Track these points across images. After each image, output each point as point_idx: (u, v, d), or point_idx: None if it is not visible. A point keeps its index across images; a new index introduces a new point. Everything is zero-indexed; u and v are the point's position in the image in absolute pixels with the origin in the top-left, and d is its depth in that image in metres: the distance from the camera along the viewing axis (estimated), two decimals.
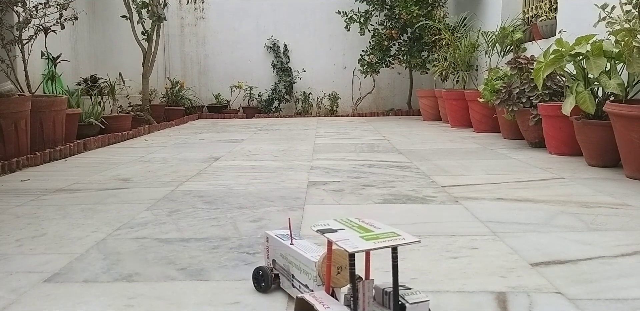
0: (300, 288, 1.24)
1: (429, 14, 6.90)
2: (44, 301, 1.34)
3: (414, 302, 1.02)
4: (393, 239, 1.00)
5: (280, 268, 1.33)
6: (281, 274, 1.33)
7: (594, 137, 3.19)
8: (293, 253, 1.27)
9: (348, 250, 0.96)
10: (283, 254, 1.32)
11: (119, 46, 6.85)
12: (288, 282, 1.30)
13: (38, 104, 3.88)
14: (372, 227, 1.07)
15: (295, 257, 1.26)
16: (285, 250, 1.31)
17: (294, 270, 1.26)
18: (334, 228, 1.07)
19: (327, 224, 1.10)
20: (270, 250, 1.37)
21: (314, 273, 1.18)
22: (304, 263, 1.22)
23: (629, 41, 2.83)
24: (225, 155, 3.96)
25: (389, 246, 0.98)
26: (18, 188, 2.82)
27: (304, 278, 1.23)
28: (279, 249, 1.33)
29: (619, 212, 2.12)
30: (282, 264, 1.32)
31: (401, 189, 2.60)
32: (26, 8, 4.17)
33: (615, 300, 1.29)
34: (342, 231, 1.05)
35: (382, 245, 0.98)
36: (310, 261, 1.20)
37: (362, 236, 1.02)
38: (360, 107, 8.42)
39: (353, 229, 1.06)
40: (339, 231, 1.05)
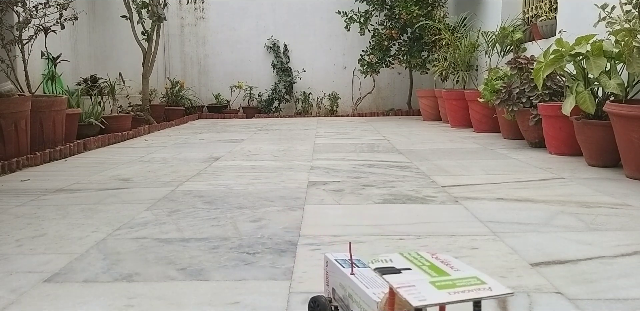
0: None
1: (429, 14, 6.90)
2: (44, 301, 1.34)
3: None
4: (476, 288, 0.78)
5: (339, 299, 1.13)
6: (340, 307, 1.12)
7: (594, 137, 3.19)
8: (353, 286, 1.05)
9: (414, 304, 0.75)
10: (343, 285, 1.10)
11: (119, 46, 6.85)
12: None
13: (38, 104, 3.88)
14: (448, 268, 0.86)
15: (354, 290, 1.05)
16: (344, 280, 1.09)
17: (354, 306, 1.05)
18: (397, 266, 0.87)
19: (390, 259, 0.90)
20: (330, 277, 1.16)
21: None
22: (364, 300, 1.00)
23: (629, 41, 2.83)
24: (225, 155, 3.96)
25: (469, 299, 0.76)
26: (18, 188, 2.82)
27: None
28: (339, 278, 1.12)
29: (619, 212, 2.12)
30: (341, 295, 1.12)
31: (401, 189, 2.60)
32: (26, 8, 4.17)
33: (615, 300, 1.29)
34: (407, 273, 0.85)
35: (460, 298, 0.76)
36: (372, 301, 0.97)
37: (434, 282, 0.81)
38: (360, 107, 8.42)
39: (422, 270, 0.86)
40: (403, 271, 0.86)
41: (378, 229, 1.92)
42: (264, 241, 1.79)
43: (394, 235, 1.85)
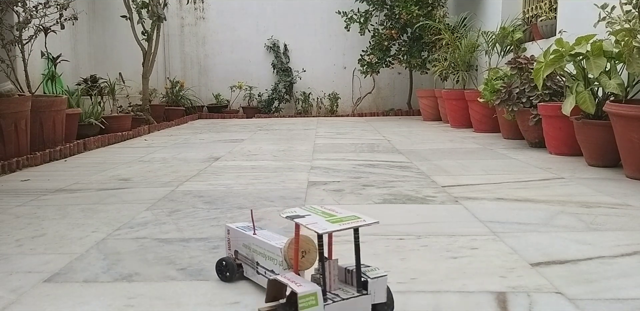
0: (265, 274, 1.32)
1: (429, 14, 6.90)
2: (44, 301, 1.34)
3: (374, 277, 1.15)
4: (355, 221, 1.12)
5: (243, 257, 1.41)
6: (244, 263, 1.41)
7: (594, 137, 3.19)
8: (257, 242, 1.35)
9: (318, 231, 1.06)
10: (246, 244, 1.39)
11: (119, 46, 6.85)
12: (252, 270, 1.38)
13: (38, 104, 3.88)
14: (334, 212, 1.18)
15: (259, 246, 1.34)
16: (248, 240, 1.39)
17: (259, 257, 1.34)
18: (300, 214, 1.17)
19: (294, 211, 1.19)
20: (232, 242, 1.46)
21: (280, 258, 1.26)
22: (269, 250, 1.30)
23: (629, 41, 2.83)
24: (225, 155, 3.96)
25: (352, 227, 1.10)
26: (18, 188, 2.82)
27: (269, 264, 1.31)
28: (241, 240, 1.42)
29: (619, 212, 2.12)
30: (245, 253, 1.41)
31: (401, 189, 2.60)
32: (26, 8, 4.17)
33: (615, 300, 1.29)
34: (309, 217, 1.15)
35: (346, 226, 1.09)
36: (276, 248, 1.28)
37: (328, 220, 1.13)
38: (360, 107, 8.42)
39: (318, 215, 1.16)
40: (306, 216, 1.15)
41: (378, 229, 1.92)
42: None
43: (394, 235, 1.85)
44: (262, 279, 1.33)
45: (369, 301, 1.13)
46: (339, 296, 1.11)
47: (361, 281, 1.14)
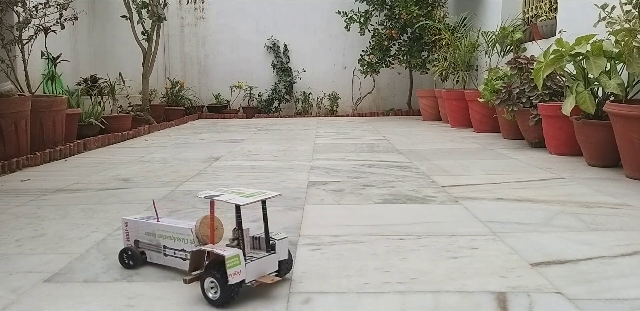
0: (176, 254, 1.49)
1: (429, 14, 6.90)
2: (44, 301, 1.34)
3: (279, 239, 1.41)
4: (263, 195, 1.38)
5: (146, 244, 1.56)
6: (148, 250, 1.56)
7: (594, 137, 3.19)
8: (163, 228, 1.51)
9: (240, 204, 1.30)
10: (149, 232, 1.55)
11: (119, 46, 6.85)
12: (158, 254, 1.54)
13: (38, 104, 3.88)
14: (242, 190, 1.41)
15: (167, 230, 1.51)
16: (152, 227, 1.54)
17: (167, 241, 1.51)
18: (215, 194, 1.37)
19: (208, 192, 1.40)
20: (131, 233, 1.60)
21: (191, 237, 1.45)
22: (179, 232, 1.48)
23: (629, 41, 2.83)
24: (225, 155, 3.96)
25: (262, 199, 1.37)
26: (18, 188, 2.82)
27: (179, 245, 1.48)
28: (143, 229, 1.56)
29: (619, 212, 2.12)
30: (148, 241, 1.56)
31: (401, 189, 2.60)
32: (26, 8, 4.17)
33: (615, 300, 1.29)
34: (223, 195, 1.36)
35: (258, 199, 1.35)
36: (186, 229, 1.46)
37: (241, 195, 1.36)
38: (360, 107, 8.42)
39: (230, 193, 1.38)
40: (221, 195, 1.36)
41: (378, 229, 1.92)
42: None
43: (394, 235, 1.85)
44: (170, 260, 1.51)
45: (277, 258, 1.40)
46: (254, 256, 1.35)
47: (270, 243, 1.40)
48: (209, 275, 1.30)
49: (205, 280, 1.30)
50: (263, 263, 1.36)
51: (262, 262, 1.35)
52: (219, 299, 1.28)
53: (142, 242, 1.57)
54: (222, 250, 1.29)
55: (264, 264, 1.36)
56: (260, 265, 1.35)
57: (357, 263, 1.56)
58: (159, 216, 1.59)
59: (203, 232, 1.43)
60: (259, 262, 1.35)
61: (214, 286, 1.29)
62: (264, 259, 1.36)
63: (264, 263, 1.36)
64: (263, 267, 1.36)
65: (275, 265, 1.39)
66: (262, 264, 1.35)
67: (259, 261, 1.35)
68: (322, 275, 1.48)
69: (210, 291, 1.30)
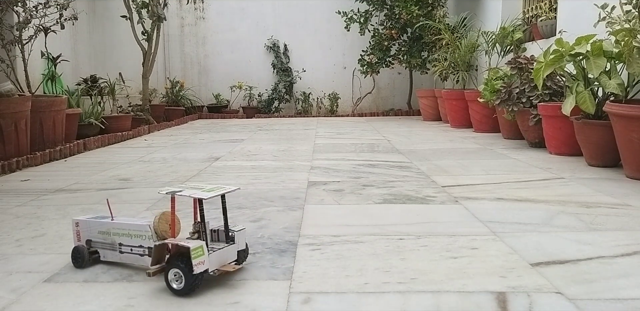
0: (132, 250, 1.53)
1: (429, 14, 6.90)
2: (44, 301, 1.34)
3: (238, 230, 1.50)
4: (222, 189, 1.45)
5: (99, 243, 1.59)
6: (101, 249, 1.59)
7: (594, 137, 3.19)
8: (119, 226, 1.55)
9: (204, 198, 1.38)
10: (104, 231, 1.57)
11: (119, 46, 6.85)
12: (113, 252, 1.56)
13: (38, 104, 3.88)
14: (201, 185, 1.49)
15: (123, 228, 1.54)
16: (107, 226, 1.57)
17: (123, 238, 1.54)
18: (176, 190, 1.44)
19: (168, 188, 1.47)
20: (82, 233, 1.62)
21: (149, 233, 1.49)
22: (136, 229, 1.51)
23: (629, 41, 2.83)
24: (225, 155, 3.96)
25: (223, 193, 1.44)
26: (18, 188, 2.82)
27: (136, 241, 1.51)
28: (96, 228, 1.59)
29: (619, 212, 2.12)
30: (101, 240, 1.58)
31: (401, 189, 2.60)
32: (26, 8, 4.17)
33: (615, 300, 1.29)
34: (185, 191, 1.43)
35: (219, 193, 1.42)
36: (143, 226, 1.50)
37: (202, 190, 1.44)
38: (360, 107, 8.42)
39: (191, 189, 1.45)
40: (183, 190, 1.43)
41: (378, 229, 1.92)
42: (263, 241, 1.80)
43: (394, 235, 1.85)
44: (126, 257, 1.54)
45: (236, 248, 1.49)
46: (215, 247, 1.44)
47: (229, 235, 1.48)
48: (173, 266, 1.36)
49: (170, 271, 1.36)
50: (224, 253, 1.45)
51: (223, 252, 1.44)
52: (184, 288, 1.34)
53: (95, 241, 1.59)
54: (187, 242, 1.36)
55: (224, 254, 1.45)
56: (222, 255, 1.44)
57: (357, 263, 1.56)
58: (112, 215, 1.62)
59: (162, 228, 1.48)
60: (220, 252, 1.43)
61: (178, 277, 1.35)
62: (225, 249, 1.45)
63: (225, 253, 1.45)
64: (224, 257, 1.45)
65: (235, 254, 1.48)
66: (223, 254, 1.44)
67: (220, 251, 1.43)
68: (322, 275, 1.48)
69: (175, 282, 1.36)
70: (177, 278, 1.36)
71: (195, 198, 1.41)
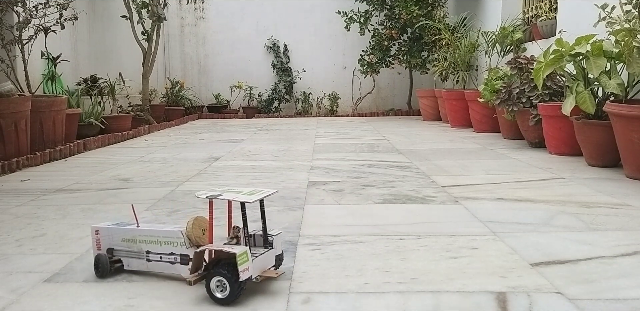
0: (162, 258, 1.45)
1: (429, 14, 6.90)
2: (44, 301, 1.34)
3: (276, 234, 1.44)
4: (262, 192, 1.39)
5: (123, 252, 1.50)
6: (125, 257, 1.50)
7: (594, 137, 3.19)
8: (147, 232, 1.47)
9: (249, 201, 1.32)
10: (128, 238, 1.49)
11: (119, 46, 6.85)
12: (139, 260, 1.48)
13: (38, 104, 3.88)
14: (237, 189, 1.41)
15: (151, 235, 1.46)
16: (132, 233, 1.48)
17: (151, 246, 1.46)
18: (215, 194, 1.37)
19: (206, 192, 1.39)
20: (103, 241, 1.52)
21: (181, 239, 1.42)
22: (167, 235, 1.44)
23: (629, 41, 2.83)
24: (225, 155, 3.96)
25: (265, 197, 1.37)
26: (18, 188, 2.82)
27: (167, 248, 1.44)
28: (119, 236, 1.50)
29: (619, 212, 2.12)
30: (125, 248, 1.50)
31: (401, 189, 2.60)
32: (26, 8, 4.17)
33: (615, 300, 1.29)
34: (225, 194, 1.36)
35: (262, 196, 1.36)
36: (175, 232, 1.43)
37: (243, 194, 1.37)
38: (360, 107, 8.42)
39: (228, 192, 1.38)
40: (222, 194, 1.36)
41: (378, 229, 1.92)
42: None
43: (394, 235, 1.85)
44: (155, 265, 1.46)
45: (274, 254, 1.43)
46: (256, 253, 1.38)
47: (268, 240, 1.43)
48: (216, 274, 1.30)
49: (212, 280, 1.30)
50: (265, 259, 1.39)
51: (264, 258, 1.39)
52: (229, 297, 1.29)
53: (118, 250, 1.51)
54: (231, 248, 1.30)
55: (265, 259, 1.39)
56: (263, 261, 1.38)
57: (357, 263, 1.56)
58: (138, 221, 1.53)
59: (196, 233, 1.42)
60: (262, 258, 1.38)
61: (222, 285, 1.30)
62: (265, 254, 1.40)
63: (265, 259, 1.40)
64: (265, 262, 1.39)
65: (273, 259, 1.43)
66: (264, 259, 1.39)
67: (261, 257, 1.38)
68: (322, 275, 1.48)
69: (218, 290, 1.30)
70: (221, 286, 1.30)
71: (240, 201, 1.33)
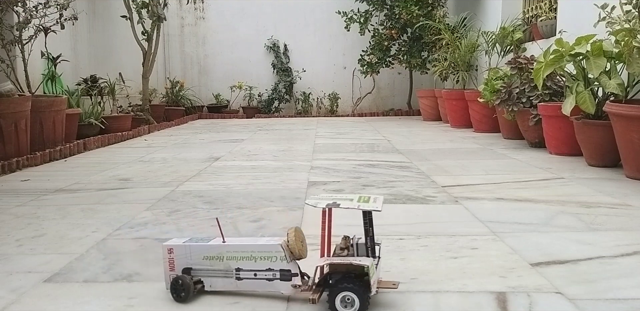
0: (257, 275, 1.31)
1: (429, 14, 6.90)
2: (44, 301, 1.34)
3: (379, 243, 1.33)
4: (374, 198, 1.30)
5: (204, 271, 1.34)
6: (207, 277, 1.34)
7: (594, 137, 3.19)
8: (237, 248, 1.33)
9: (379, 210, 1.23)
10: (212, 256, 1.34)
11: (119, 46, 6.85)
12: (226, 279, 1.33)
13: (38, 104, 3.88)
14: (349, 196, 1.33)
15: (243, 250, 1.32)
16: (218, 250, 1.33)
17: (243, 262, 1.32)
18: (329, 202, 1.28)
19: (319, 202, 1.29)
20: (178, 260, 1.36)
21: (281, 253, 1.29)
22: (263, 249, 1.31)
23: (629, 41, 2.83)
24: (225, 155, 3.96)
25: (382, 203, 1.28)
26: (18, 188, 2.82)
27: (263, 264, 1.30)
28: (200, 254, 1.34)
29: (619, 212, 2.12)
30: (207, 266, 1.34)
31: (401, 189, 2.60)
32: (26, 8, 4.17)
33: (615, 300, 1.29)
34: (344, 203, 1.27)
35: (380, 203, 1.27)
36: (274, 245, 1.30)
37: (358, 201, 1.28)
38: (360, 107, 8.42)
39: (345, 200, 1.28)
40: (341, 203, 1.27)
41: (378, 229, 1.91)
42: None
43: (394, 235, 1.85)
44: (248, 283, 1.32)
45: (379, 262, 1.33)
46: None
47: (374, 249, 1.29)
48: (343, 289, 1.20)
49: (338, 295, 1.20)
50: (378, 270, 1.31)
51: (378, 268, 1.31)
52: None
53: (198, 269, 1.35)
54: (358, 260, 1.22)
55: (378, 270, 1.31)
56: (378, 272, 1.30)
57: None
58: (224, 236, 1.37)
59: (298, 246, 1.31)
60: (378, 269, 1.30)
61: (350, 300, 1.20)
62: (379, 265, 1.31)
63: (378, 270, 1.31)
64: (378, 273, 1.31)
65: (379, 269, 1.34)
66: (378, 270, 1.31)
67: (378, 267, 1.29)
68: None
69: (342, 306, 1.21)
70: (349, 302, 1.20)
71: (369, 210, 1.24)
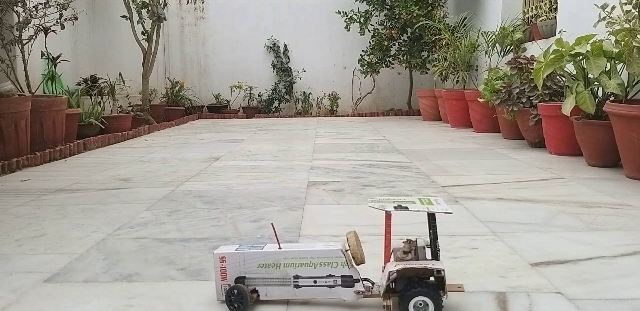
0: (317, 282, 1.28)
1: (429, 14, 6.90)
2: (44, 301, 1.34)
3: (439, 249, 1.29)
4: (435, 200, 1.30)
5: (260, 279, 1.30)
6: (263, 285, 1.31)
7: (594, 137, 3.19)
8: (295, 254, 1.29)
9: (449, 212, 1.24)
10: (268, 263, 1.30)
11: (119, 46, 6.85)
12: (283, 287, 1.30)
13: (38, 104, 3.88)
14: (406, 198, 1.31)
15: (301, 256, 1.29)
16: (274, 257, 1.30)
17: (301, 269, 1.29)
18: (402, 205, 1.27)
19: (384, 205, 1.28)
20: (231, 269, 1.31)
21: (342, 259, 1.27)
22: (323, 255, 1.28)
23: (629, 41, 2.83)
24: (225, 155, 3.96)
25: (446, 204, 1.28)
26: (18, 188, 2.82)
27: (323, 271, 1.28)
28: (255, 261, 1.30)
29: (619, 212, 2.12)
30: (263, 274, 1.30)
31: (401, 189, 2.60)
32: (26, 8, 4.17)
33: (615, 300, 1.29)
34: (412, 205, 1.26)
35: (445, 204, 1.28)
36: (334, 251, 1.28)
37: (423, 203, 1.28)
38: (360, 107, 8.41)
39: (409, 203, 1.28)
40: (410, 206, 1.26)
41: (378, 229, 1.91)
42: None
43: (394, 235, 1.83)
44: (307, 291, 1.29)
45: None
46: None
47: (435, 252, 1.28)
48: (418, 294, 1.18)
49: (412, 301, 1.18)
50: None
51: None
52: None
53: (253, 278, 1.30)
54: (432, 265, 1.20)
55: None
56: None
57: None
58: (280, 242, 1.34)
59: (361, 251, 1.29)
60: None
61: (423, 306, 1.18)
62: None
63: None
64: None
65: None
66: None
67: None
68: None
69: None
70: (421, 307, 1.18)
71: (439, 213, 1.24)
